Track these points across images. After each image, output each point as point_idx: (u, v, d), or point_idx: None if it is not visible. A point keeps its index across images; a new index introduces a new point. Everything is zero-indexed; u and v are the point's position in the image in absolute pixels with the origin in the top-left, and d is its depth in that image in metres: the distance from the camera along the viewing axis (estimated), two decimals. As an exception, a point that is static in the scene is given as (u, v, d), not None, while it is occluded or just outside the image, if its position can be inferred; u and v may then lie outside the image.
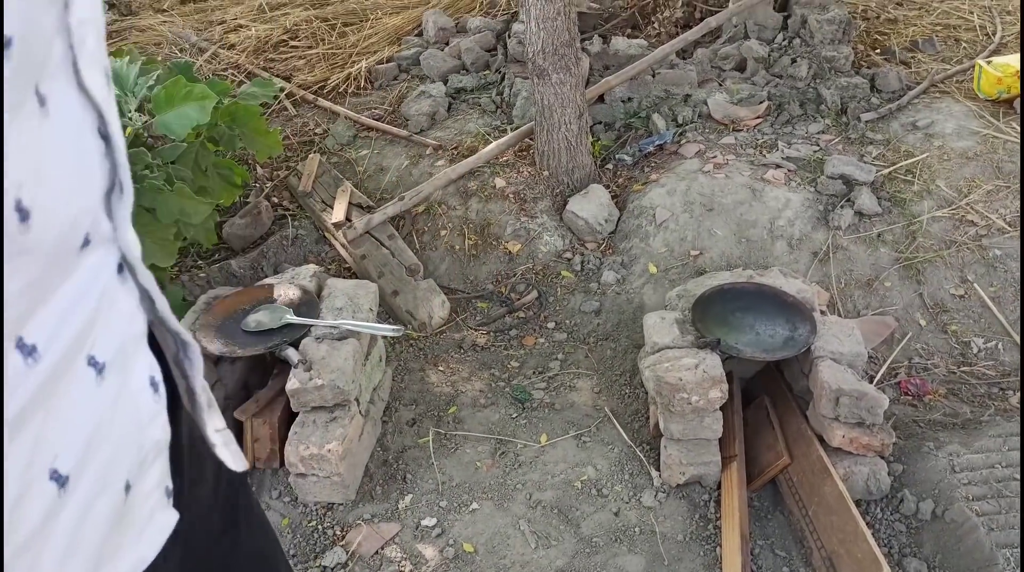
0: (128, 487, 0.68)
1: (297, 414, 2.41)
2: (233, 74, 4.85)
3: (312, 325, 2.52)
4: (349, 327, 2.48)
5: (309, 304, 2.63)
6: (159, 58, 4.47)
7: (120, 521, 0.67)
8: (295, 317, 2.54)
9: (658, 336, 2.56)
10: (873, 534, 2.25)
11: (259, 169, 3.97)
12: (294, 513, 2.36)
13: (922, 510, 2.26)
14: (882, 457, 2.37)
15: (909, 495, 2.30)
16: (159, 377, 0.76)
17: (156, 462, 0.74)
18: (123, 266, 0.72)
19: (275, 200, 3.81)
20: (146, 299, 0.76)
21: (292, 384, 2.33)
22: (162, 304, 0.77)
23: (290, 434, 2.34)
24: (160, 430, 0.74)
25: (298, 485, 2.37)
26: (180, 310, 2.67)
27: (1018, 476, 2.25)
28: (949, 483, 2.28)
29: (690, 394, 2.35)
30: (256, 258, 3.40)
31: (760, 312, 2.63)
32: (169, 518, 0.75)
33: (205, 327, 2.53)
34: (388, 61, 4.79)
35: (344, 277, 3.42)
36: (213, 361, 2.53)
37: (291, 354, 2.40)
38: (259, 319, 2.55)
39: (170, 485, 0.77)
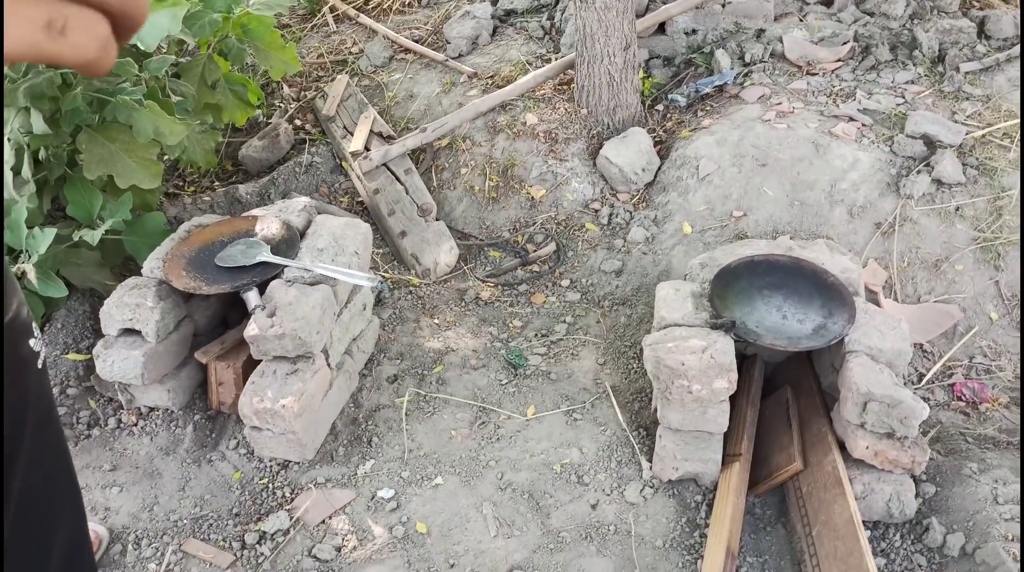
0: None
1: (266, 360, 2.24)
2: (281, -16, 4.59)
3: (286, 266, 2.31)
4: (322, 272, 2.26)
5: (290, 242, 2.42)
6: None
7: None
8: (270, 255, 2.34)
9: (667, 310, 2.24)
10: (887, 565, 1.94)
11: (285, 88, 3.74)
12: (248, 467, 2.20)
13: (950, 544, 1.92)
14: (911, 476, 2.02)
15: (937, 524, 1.96)
16: None
17: None
18: None
19: (298, 122, 3.60)
20: None
21: (251, 330, 2.14)
22: None
23: (247, 383, 2.16)
24: None
25: (253, 438, 2.20)
26: (160, 236, 2.51)
27: (1075, 519, 1.88)
28: (987, 516, 1.92)
29: (691, 382, 2.04)
30: (266, 184, 3.20)
31: (792, 292, 2.28)
32: None
33: (176, 258, 2.36)
34: (441, -24, 4.44)
35: (356, 211, 3.20)
36: (183, 296, 2.37)
37: (251, 297, 2.20)
38: (233, 254, 2.36)
39: None
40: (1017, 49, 3.34)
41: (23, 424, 0.83)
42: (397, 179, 3.19)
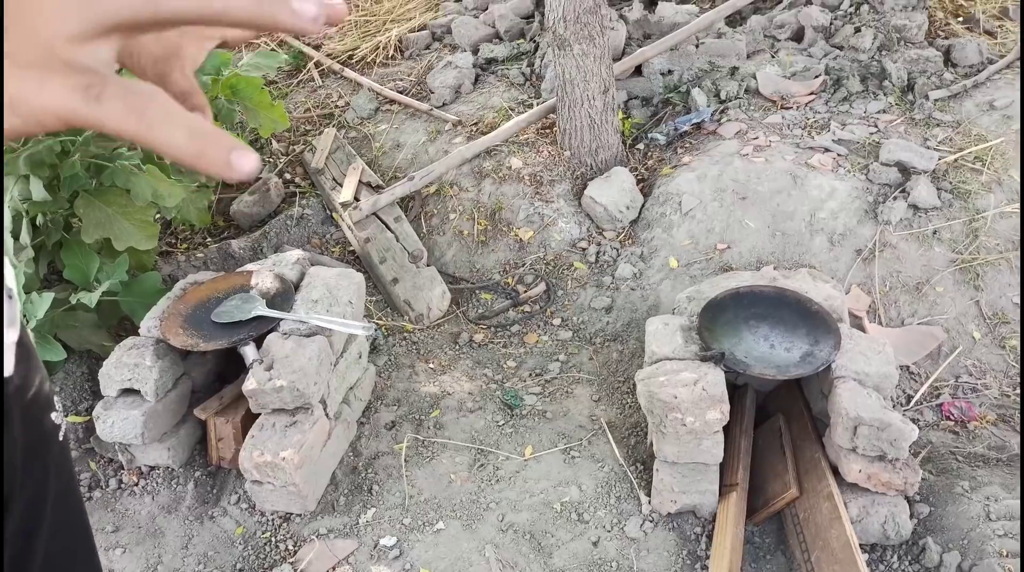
0: None
1: (264, 413, 2.27)
2: (266, 42, 4.71)
3: (281, 318, 2.35)
4: (317, 323, 2.30)
5: (285, 294, 2.46)
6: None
7: None
8: (266, 309, 2.38)
9: (658, 345, 2.29)
10: (886, 588, 1.96)
11: (274, 143, 3.82)
12: (250, 521, 2.22)
13: (946, 563, 1.95)
14: (905, 497, 2.05)
15: (933, 544, 1.99)
16: None
17: None
18: None
19: (288, 176, 3.67)
20: None
21: (249, 384, 2.17)
22: None
23: (247, 437, 2.19)
24: None
25: (254, 492, 2.22)
26: (156, 295, 2.55)
27: (1067, 532, 1.91)
28: (981, 533, 1.95)
29: (684, 414, 2.08)
30: (258, 239, 3.26)
31: (778, 321, 2.33)
32: None
33: (174, 316, 2.40)
34: (422, 29, 4.56)
35: (348, 261, 3.26)
36: (180, 354, 2.40)
37: (248, 351, 2.24)
38: (229, 310, 2.40)
39: None
40: (984, 75, 3.45)
41: (45, 496, 0.85)
42: (387, 227, 3.25)
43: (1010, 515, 1.97)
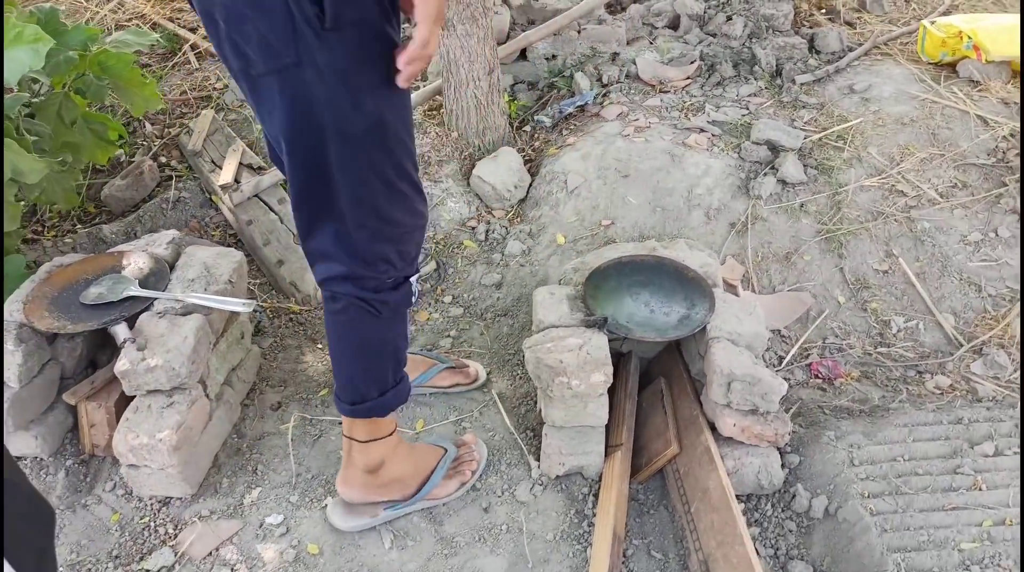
0: None
1: (140, 397, 2.17)
2: (138, 24, 4.50)
3: (155, 298, 2.26)
4: (194, 301, 2.22)
5: (159, 274, 2.37)
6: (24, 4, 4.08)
7: None
8: (139, 289, 2.28)
9: (544, 313, 2.33)
10: (761, 533, 2.07)
11: (148, 126, 3.66)
12: (127, 508, 2.12)
13: (814, 507, 2.07)
14: (777, 448, 2.16)
15: (802, 490, 2.11)
16: None
17: None
18: None
19: (163, 160, 3.51)
20: None
21: (122, 365, 2.08)
22: None
23: (121, 420, 2.09)
24: None
25: (131, 477, 2.13)
26: (20, 279, 2.40)
27: (920, 471, 2.07)
28: (846, 477, 2.08)
29: (570, 378, 2.12)
30: (131, 223, 3.11)
31: (658, 288, 2.41)
32: None
33: (39, 298, 2.26)
34: (305, 13, 4.46)
35: (229, 244, 3.15)
36: (47, 338, 2.27)
37: (119, 331, 2.14)
38: (100, 291, 2.29)
39: None
40: (844, 61, 3.67)
41: None
42: (271, 209, 3.17)
43: (871, 460, 2.11)
